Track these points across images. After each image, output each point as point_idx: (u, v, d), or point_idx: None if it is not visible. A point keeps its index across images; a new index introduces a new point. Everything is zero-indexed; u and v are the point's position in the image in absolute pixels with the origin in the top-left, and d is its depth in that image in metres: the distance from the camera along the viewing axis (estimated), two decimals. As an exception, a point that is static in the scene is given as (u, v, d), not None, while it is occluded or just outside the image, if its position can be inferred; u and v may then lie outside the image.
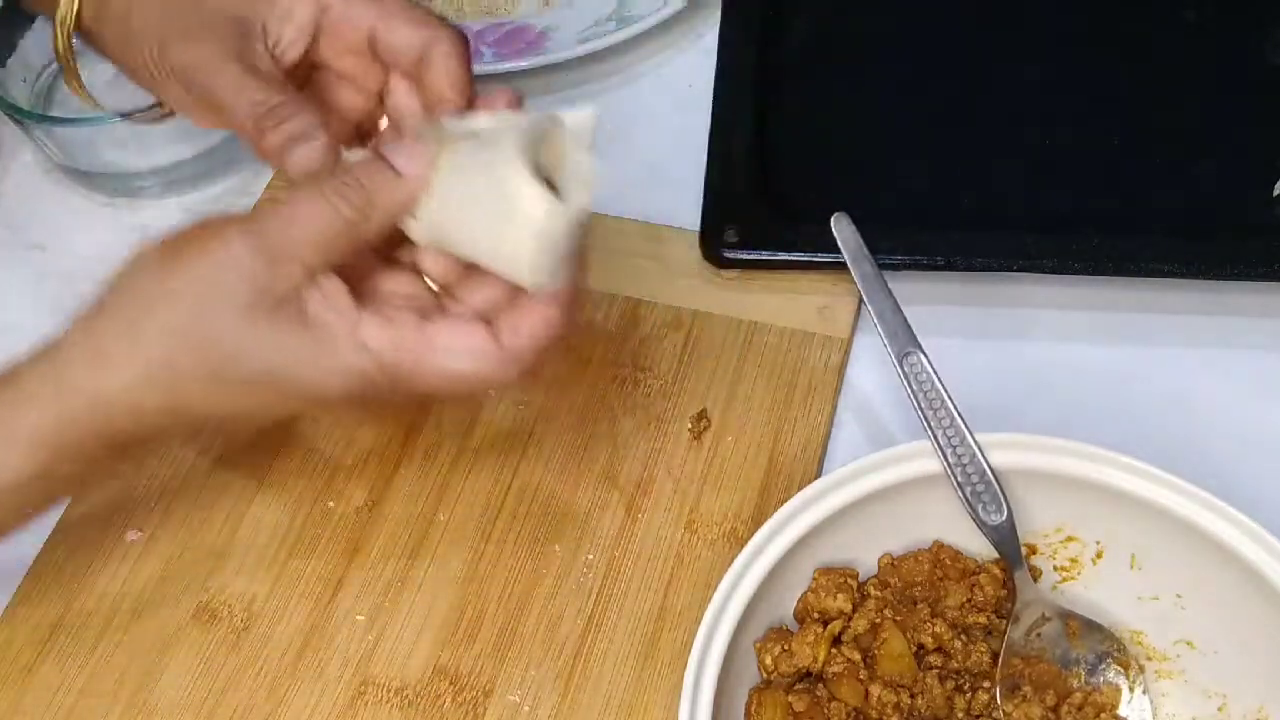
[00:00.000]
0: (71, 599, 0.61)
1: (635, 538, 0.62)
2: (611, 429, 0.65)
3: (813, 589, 0.56)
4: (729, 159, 0.72)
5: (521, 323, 0.48)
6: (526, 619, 0.60)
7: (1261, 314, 0.69)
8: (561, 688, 0.58)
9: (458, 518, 0.63)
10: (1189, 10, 0.80)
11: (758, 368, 0.67)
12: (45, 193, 0.78)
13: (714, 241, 0.69)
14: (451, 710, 0.57)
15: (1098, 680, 0.56)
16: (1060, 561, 0.58)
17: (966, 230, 0.69)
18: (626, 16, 0.81)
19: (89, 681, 0.59)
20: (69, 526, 0.63)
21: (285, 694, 0.58)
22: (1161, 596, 0.56)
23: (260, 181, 0.76)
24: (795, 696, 0.54)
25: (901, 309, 0.56)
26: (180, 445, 0.65)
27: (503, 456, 0.64)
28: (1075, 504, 0.56)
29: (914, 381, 0.55)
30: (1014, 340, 0.69)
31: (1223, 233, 0.69)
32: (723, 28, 0.79)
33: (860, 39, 0.80)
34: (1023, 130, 0.75)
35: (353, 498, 0.63)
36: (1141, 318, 0.69)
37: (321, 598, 0.61)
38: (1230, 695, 0.55)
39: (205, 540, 0.62)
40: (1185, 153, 0.73)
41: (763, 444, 0.64)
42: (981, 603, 0.57)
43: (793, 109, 0.77)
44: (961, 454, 0.54)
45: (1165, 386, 0.67)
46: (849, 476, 0.54)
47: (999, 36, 0.80)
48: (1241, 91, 0.76)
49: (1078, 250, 0.67)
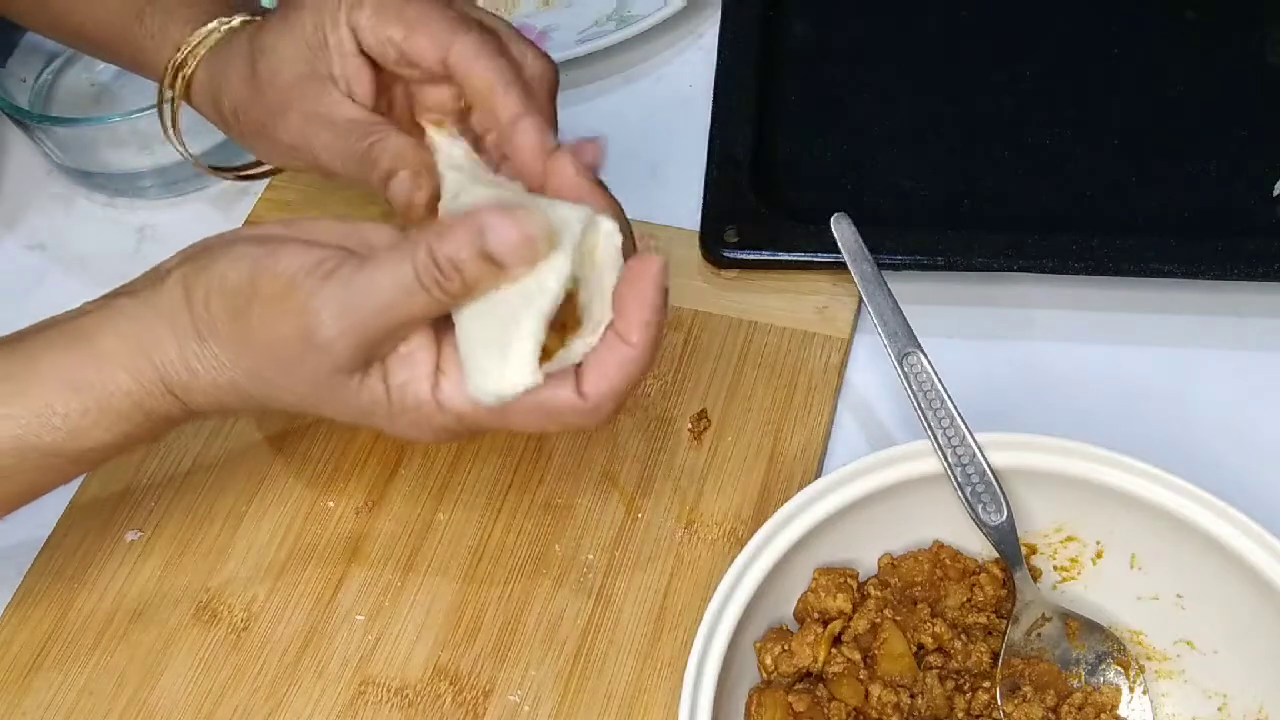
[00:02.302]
0: (71, 599, 0.61)
1: (635, 538, 0.62)
2: (611, 429, 0.65)
3: (813, 589, 0.56)
4: (729, 159, 0.72)
5: (606, 373, 0.47)
6: (526, 619, 0.60)
7: (1261, 314, 0.69)
8: (561, 688, 0.58)
9: (458, 518, 0.63)
10: (1189, 10, 0.80)
11: (758, 368, 0.67)
12: (45, 193, 0.78)
13: (714, 241, 0.69)
14: (451, 710, 0.57)
15: (1098, 680, 0.56)
16: (1060, 561, 0.58)
17: (966, 230, 0.69)
18: (626, 16, 0.81)
19: (89, 681, 0.59)
20: (69, 526, 0.63)
21: (285, 694, 0.58)
22: (1161, 596, 0.56)
23: (261, 181, 0.75)
24: (795, 696, 0.54)
25: (901, 309, 0.56)
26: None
27: (503, 457, 0.64)
28: (1075, 504, 0.56)
29: (914, 381, 0.55)
30: (1014, 340, 0.69)
31: (1223, 233, 0.69)
32: (723, 28, 0.79)
33: (860, 39, 0.80)
34: (1022, 130, 0.75)
35: (353, 498, 0.63)
36: (1141, 318, 0.69)
37: (321, 598, 0.61)
38: (1230, 695, 0.55)
39: (205, 540, 0.62)
40: (1185, 153, 0.73)
41: (763, 444, 0.64)
42: (981, 603, 0.57)
43: (793, 109, 0.77)
44: (961, 454, 0.54)
45: (1165, 386, 0.67)
46: (849, 476, 0.54)
47: (999, 36, 0.80)
48: (1241, 91, 0.76)
49: (1078, 250, 0.67)
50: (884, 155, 0.75)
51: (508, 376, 0.46)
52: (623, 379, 0.47)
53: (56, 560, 0.62)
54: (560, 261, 0.45)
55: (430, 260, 0.45)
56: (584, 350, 0.48)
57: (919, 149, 0.75)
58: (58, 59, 0.81)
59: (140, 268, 0.60)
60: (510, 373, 0.46)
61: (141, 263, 0.69)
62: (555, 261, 0.45)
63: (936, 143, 0.75)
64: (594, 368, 0.47)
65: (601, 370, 0.47)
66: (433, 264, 0.45)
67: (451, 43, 0.53)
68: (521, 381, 0.45)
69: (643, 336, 0.47)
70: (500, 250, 0.45)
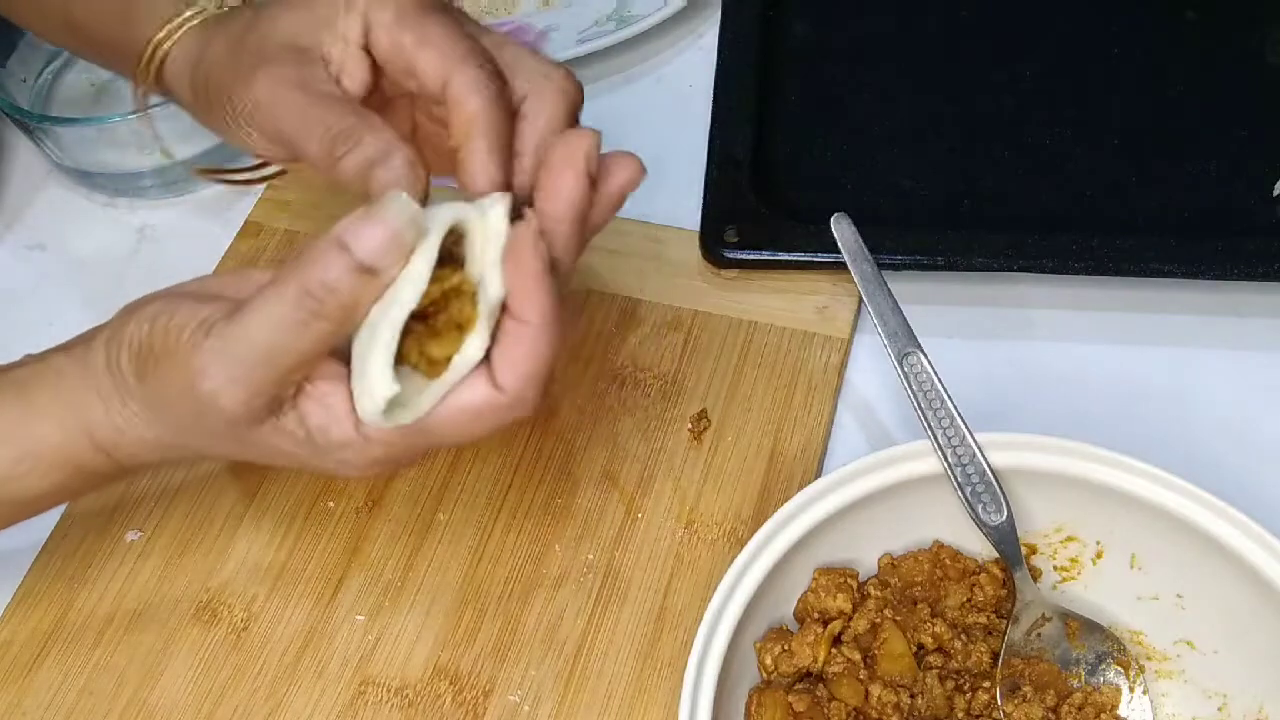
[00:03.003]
0: (71, 599, 0.61)
1: (635, 538, 0.62)
2: (611, 429, 0.65)
3: (813, 589, 0.56)
4: (729, 159, 0.72)
5: (514, 360, 0.45)
6: (526, 619, 0.60)
7: (1261, 314, 0.69)
8: (561, 688, 0.58)
9: (458, 518, 0.63)
10: (1189, 10, 0.80)
11: (758, 368, 0.67)
12: (45, 193, 0.78)
13: (714, 241, 0.69)
14: (451, 710, 0.57)
15: (1098, 680, 0.56)
16: (1060, 561, 0.58)
17: (966, 230, 0.69)
18: (626, 16, 0.81)
19: (89, 681, 0.59)
20: (69, 526, 0.63)
21: (285, 694, 0.58)
22: (1161, 596, 0.56)
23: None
24: (795, 696, 0.54)
25: (901, 309, 0.56)
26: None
27: (503, 457, 0.64)
28: (1075, 504, 0.56)
29: (914, 381, 0.55)
30: (1014, 340, 0.69)
31: (1223, 233, 0.69)
32: (723, 28, 0.79)
33: (860, 39, 0.80)
34: (1022, 130, 0.75)
35: (353, 498, 0.63)
36: (1141, 318, 0.69)
37: (321, 598, 0.61)
38: (1230, 695, 0.55)
39: (205, 540, 0.62)
40: (1185, 153, 0.73)
41: (763, 444, 0.64)
42: (981, 603, 0.57)
43: (793, 109, 0.77)
44: (961, 454, 0.54)
45: (1165, 386, 0.67)
46: (849, 476, 0.54)
47: (999, 36, 0.80)
48: (1241, 91, 0.76)
49: (1078, 250, 0.67)
50: (884, 155, 0.75)
51: (373, 392, 0.44)
52: (533, 361, 0.45)
53: (56, 560, 0.62)
54: (417, 265, 0.44)
55: (302, 291, 0.43)
56: (481, 344, 0.45)
57: (919, 149, 0.75)
58: (58, 59, 0.81)
59: (140, 268, 0.60)
60: (372, 387, 0.44)
61: (141, 263, 0.69)
62: (411, 268, 0.44)
63: (936, 143, 0.75)
64: (501, 358, 0.45)
65: (508, 359, 0.45)
66: (305, 294, 0.43)
67: (455, 71, 0.50)
68: (381, 393, 0.44)
69: (537, 311, 0.44)
70: (369, 255, 0.43)
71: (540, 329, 0.45)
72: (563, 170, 0.47)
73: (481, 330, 0.45)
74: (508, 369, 0.45)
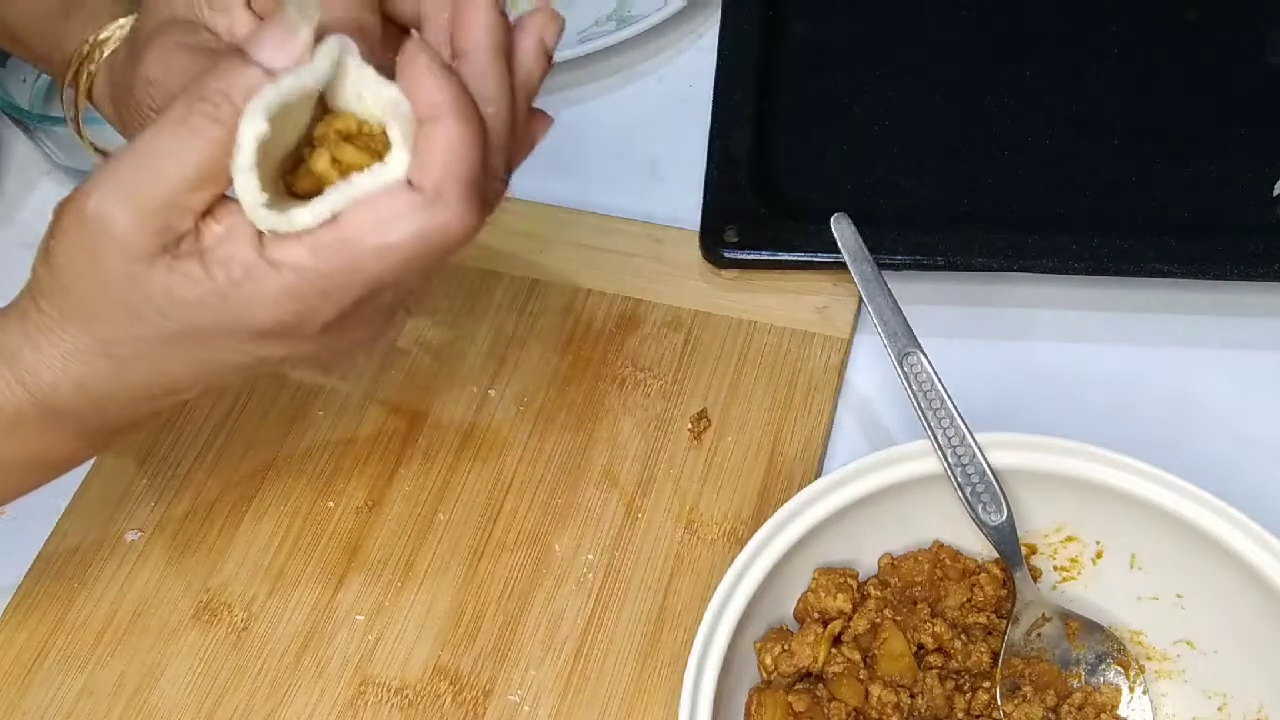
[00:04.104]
0: (71, 599, 0.61)
1: (635, 538, 0.62)
2: (611, 429, 0.65)
3: (813, 589, 0.56)
4: (729, 159, 0.72)
5: (431, 157, 0.42)
6: (526, 619, 0.60)
7: (1261, 314, 0.69)
8: (561, 688, 0.58)
9: (458, 518, 0.63)
10: (1189, 10, 0.80)
11: (758, 368, 0.67)
12: (45, 193, 0.78)
13: (714, 241, 0.69)
14: (451, 710, 0.57)
15: (1098, 680, 0.56)
16: (1060, 561, 0.58)
17: (966, 230, 0.69)
18: (626, 16, 0.81)
19: (89, 681, 0.59)
20: (69, 526, 0.63)
21: (285, 694, 0.58)
22: (1161, 596, 0.56)
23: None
24: (795, 696, 0.54)
25: (901, 309, 0.56)
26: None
27: (503, 457, 0.64)
28: (1075, 504, 0.56)
29: (914, 381, 0.55)
30: (1014, 340, 0.69)
31: (1223, 233, 0.69)
32: (723, 28, 0.79)
33: (860, 39, 0.80)
34: (1022, 130, 0.75)
35: (353, 498, 0.63)
36: (1141, 318, 0.69)
37: (321, 597, 0.61)
38: (1230, 695, 0.55)
39: (205, 540, 0.62)
40: (1185, 152, 0.73)
41: (763, 444, 0.64)
42: (981, 603, 0.57)
43: (793, 109, 0.77)
44: (961, 454, 0.54)
45: (1165, 386, 0.67)
46: (849, 476, 0.54)
47: (999, 36, 0.80)
48: (1241, 91, 0.76)
49: (1078, 250, 0.67)
50: (884, 155, 0.75)
51: (245, 188, 0.42)
52: (446, 153, 0.42)
53: (56, 560, 0.62)
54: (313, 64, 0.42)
55: (194, 97, 0.42)
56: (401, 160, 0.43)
57: (919, 149, 0.75)
58: (58, 59, 0.81)
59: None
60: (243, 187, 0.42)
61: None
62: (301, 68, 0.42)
63: (936, 143, 0.75)
64: (416, 159, 0.42)
65: (421, 157, 0.42)
66: (196, 99, 0.42)
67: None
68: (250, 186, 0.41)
69: (441, 102, 0.42)
70: (264, 56, 0.42)
71: (451, 120, 0.42)
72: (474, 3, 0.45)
73: (399, 150, 0.43)
74: (420, 166, 0.42)
